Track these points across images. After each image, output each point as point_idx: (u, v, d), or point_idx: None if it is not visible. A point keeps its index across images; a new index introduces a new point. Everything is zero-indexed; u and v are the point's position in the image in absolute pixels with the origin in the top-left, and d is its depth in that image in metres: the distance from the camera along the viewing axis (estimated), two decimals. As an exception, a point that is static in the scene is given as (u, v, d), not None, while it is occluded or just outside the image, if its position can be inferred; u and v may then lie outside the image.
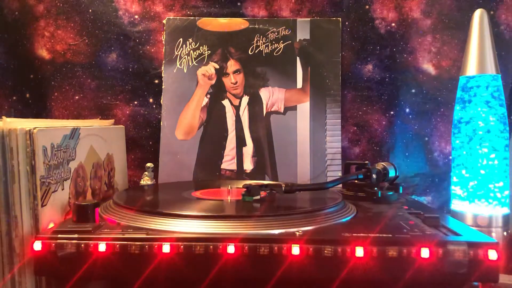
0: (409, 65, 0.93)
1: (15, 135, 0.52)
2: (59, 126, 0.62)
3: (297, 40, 0.93)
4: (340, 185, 0.77)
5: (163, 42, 0.94)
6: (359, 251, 0.48)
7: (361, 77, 0.93)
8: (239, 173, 0.92)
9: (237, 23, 0.94)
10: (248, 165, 0.92)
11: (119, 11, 0.94)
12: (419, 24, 0.92)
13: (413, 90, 0.93)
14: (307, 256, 0.48)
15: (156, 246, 0.48)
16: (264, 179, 0.90)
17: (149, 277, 0.48)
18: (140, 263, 0.48)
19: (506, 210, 0.73)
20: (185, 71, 0.93)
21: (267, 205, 0.61)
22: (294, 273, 0.48)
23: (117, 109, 0.95)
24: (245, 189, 0.63)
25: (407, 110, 0.93)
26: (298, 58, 0.93)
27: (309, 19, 0.93)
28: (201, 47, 0.94)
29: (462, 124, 0.75)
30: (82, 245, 0.48)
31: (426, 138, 0.93)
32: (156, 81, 0.94)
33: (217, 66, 0.93)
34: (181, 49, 0.93)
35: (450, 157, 0.81)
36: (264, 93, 0.93)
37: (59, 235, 0.49)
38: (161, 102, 0.93)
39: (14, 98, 0.96)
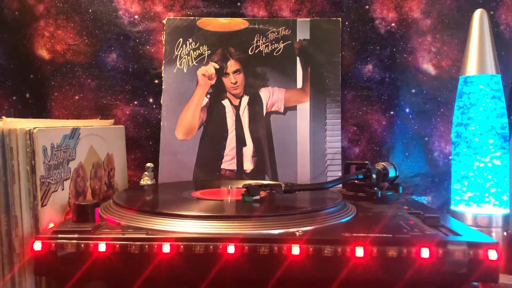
0: (409, 65, 0.93)
1: (15, 135, 0.52)
2: (59, 126, 0.62)
3: (297, 40, 0.93)
4: (340, 185, 0.77)
5: (163, 42, 0.94)
6: (359, 251, 0.48)
7: (361, 77, 0.93)
8: (239, 173, 0.92)
9: (237, 23, 0.94)
10: (248, 165, 0.92)
11: (119, 11, 0.94)
12: (419, 24, 0.92)
13: (413, 90, 0.93)
14: (307, 256, 0.48)
15: (156, 246, 0.48)
16: (264, 179, 0.90)
17: (149, 277, 0.48)
18: (140, 263, 0.48)
19: (506, 210, 0.73)
20: (185, 71, 0.93)
21: (267, 205, 0.61)
22: (294, 273, 0.48)
23: (117, 109, 0.95)
24: (245, 189, 0.63)
25: (407, 110, 0.93)
26: (298, 58, 0.93)
27: (309, 19, 0.93)
28: (201, 47, 0.94)
29: (462, 124, 0.75)
30: (82, 245, 0.48)
31: (426, 138, 0.93)
32: (156, 81, 0.94)
33: (217, 66, 0.93)
34: (181, 49, 0.93)
35: (450, 157, 0.81)
36: (264, 93, 0.93)
37: (59, 235, 0.49)
38: (161, 102, 0.93)
39: (14, 98, 0.96)
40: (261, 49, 0.93)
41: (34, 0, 0.94)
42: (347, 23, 0.93)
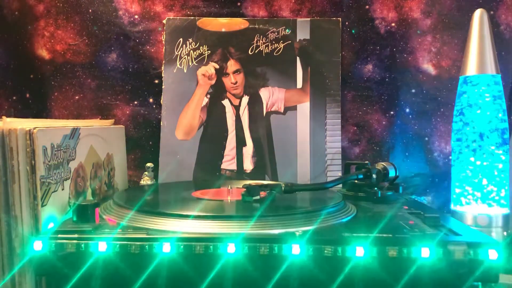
0: (409, 65, 0.93)
1: (15, 135, 0.52)
2: (59, 126, 0.62)
3: (297, 40, 0.93)
4: (340, 185, 0.76)
5: (163, 42, 0.94)
6: (359, 251, 0.48)
7: (361, 77, 0.93)
8: (239, 173, 0.92)
9: (237, 23, 0.94)
10: (248, 165, 0.92)
11: (119, 11, 0.94)
12: (419, 24, 0.92)
13: (413, 90, 0.93)
14: (307, 256, 0.48)
15: (156, 246, 0.48)
16: (264, 179, 0.90)
17: (149, 277, 0.48)
18: (140, 263, 0.48)
19: (506, 210, 0.73)
20: (185, 71, 0.93)
21: (267, 205, 0.61)
22: (294, 273, 0.48)
23: (117, 109, 0.95)
24: (245, 189, 0.63)
25: (407, 110, 0.93)
26: (298, 58, 0.93)
27: (309, 19, 0.93)
28: (201, 47, 0.94)
29: (462, 124, 0.75)
30: (82, 245, 0.48)
31: (426, 138, 0.93)
32: (156, 81, 0.94)
33: (217, 66, 0.93)
34: (181, 49, 0.93)
35: (450, 157, 0.81)
36: (264, 93, 0.93)
37: (59, 235, 0.49)
38: (161, 102, 0.93)
39: (14, 98, 0.96)
40: (261, 49, 0.93)
41: (34, 0, 0.94)
42: (347, 23, 0.93)
